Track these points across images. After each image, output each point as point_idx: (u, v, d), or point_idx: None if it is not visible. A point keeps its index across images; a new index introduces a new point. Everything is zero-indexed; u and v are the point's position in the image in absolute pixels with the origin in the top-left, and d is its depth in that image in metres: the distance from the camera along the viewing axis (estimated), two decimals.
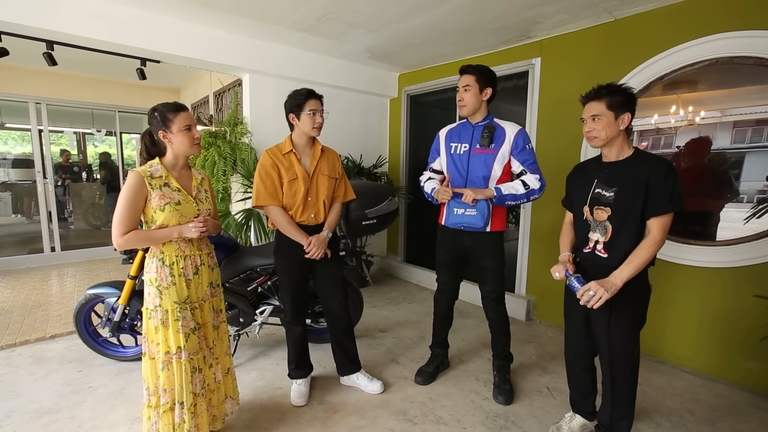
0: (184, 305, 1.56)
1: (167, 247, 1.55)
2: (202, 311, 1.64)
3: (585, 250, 1.66)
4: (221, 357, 1.76)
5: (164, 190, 1.51)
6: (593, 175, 1.64)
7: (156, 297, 1.52)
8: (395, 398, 2.17)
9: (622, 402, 1.63)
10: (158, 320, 1.52)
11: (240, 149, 3.35)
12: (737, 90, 2.32)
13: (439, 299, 2.30)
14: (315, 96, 1.98)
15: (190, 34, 2.97)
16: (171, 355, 1.53)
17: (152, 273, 1.54)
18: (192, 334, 1.57)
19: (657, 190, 1.45)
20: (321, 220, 2.05)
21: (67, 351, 2.68)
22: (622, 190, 1.53)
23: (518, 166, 2.00)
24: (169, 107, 1.52)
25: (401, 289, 4.14)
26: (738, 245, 2.27)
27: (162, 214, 1.50)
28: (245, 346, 2.75)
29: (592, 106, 1.56)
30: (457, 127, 2.16)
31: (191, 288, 1.59)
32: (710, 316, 2.41)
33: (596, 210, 1.60)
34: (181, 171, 1.61)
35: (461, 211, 2.01)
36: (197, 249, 1.63)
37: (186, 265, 1.57)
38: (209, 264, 1.69)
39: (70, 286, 4.01)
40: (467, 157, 2.06)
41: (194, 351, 1.58)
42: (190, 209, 1.56)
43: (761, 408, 2.12)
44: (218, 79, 3.71)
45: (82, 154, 5.85)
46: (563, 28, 2.87)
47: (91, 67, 4.64)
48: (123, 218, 1.45)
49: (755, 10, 2.14)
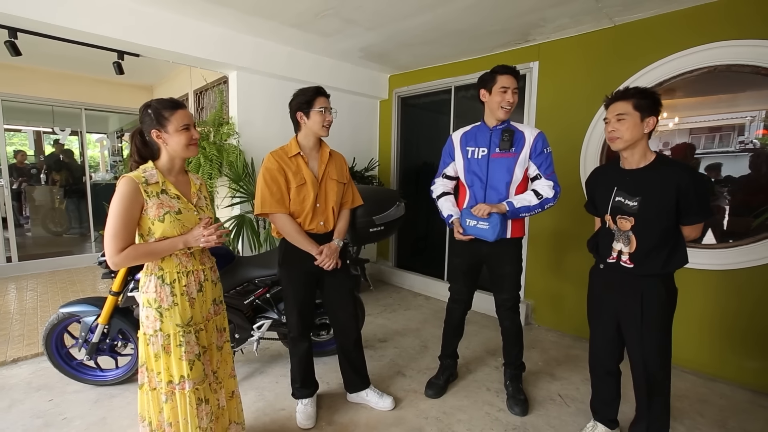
0: (188, 328, 1.38)
1: (167, 262, 1.36)
2: (207, 332, 1.47)
3: (609, 261, 1.62)
4: (225, 380, 1.58)
5: (162, 198, 1.34)
6: (613, 182, 1.60)
7: (156, 320, 1.34)
8: (408, 414, 2.06)
9: (660, 412, 1.59)
10: (159, 346, 1.35)
11: (227, 151, 3.14)
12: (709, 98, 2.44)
13: (452, 309, 2.22)
14: (324, 93, 1.86)
15: (175, 26, 2.74)
16: (174, 385, 1.36)
17: (150, 293, 1.35)
18: (197, 361, 1.40)
19: (688, 201, 1.43)
20: (330, 228, 1.92)
21: (34, 377, 2.38)
22: (647, 199, 1.49)
23: (534, 169, 1.96)
24: (164, 104, 1.35)
25: (395, 295, 4.04)
26: (736, 248, 2.33)
27: (161, 225, 1.32)
28: (239, 363, 2.55)
29: (617, 105, 1.52)
30: (473, 131, 2.07)
31: (195, 308, 1.41)
32: (709, 317, 2.47)
33: (619, 219, 1.57)
34: (178, 176, 1.44)
35: (473, 223, 1.94)
36: (200, 263, 1.45)
37: (189, 282, 1.40)
38: (212, 279, 1.52)
39: (32, 301, 3.62)
40: (486, 162, 1.98)
41: (199, 380, 1.40)
42: (192, 218, 1.39)
43: (764, 407, 2.18)
44: (201, 75, 3.47)
45: (41, 155, 5.36)
46: (563, 32, 2.88)
47: (54, 60, 4.25)
48: (118, 231, 1.27)
49: (753, 19, 2.20)
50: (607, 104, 1.57)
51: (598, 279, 1.72)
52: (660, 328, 1.54)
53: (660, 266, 1.49)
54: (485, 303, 3.25)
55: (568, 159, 2.93)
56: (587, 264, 2.92)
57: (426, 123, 4.22)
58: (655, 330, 1.53)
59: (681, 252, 1.51)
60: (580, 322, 2.93)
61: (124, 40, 2.58)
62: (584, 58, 2.87)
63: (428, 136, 4.19)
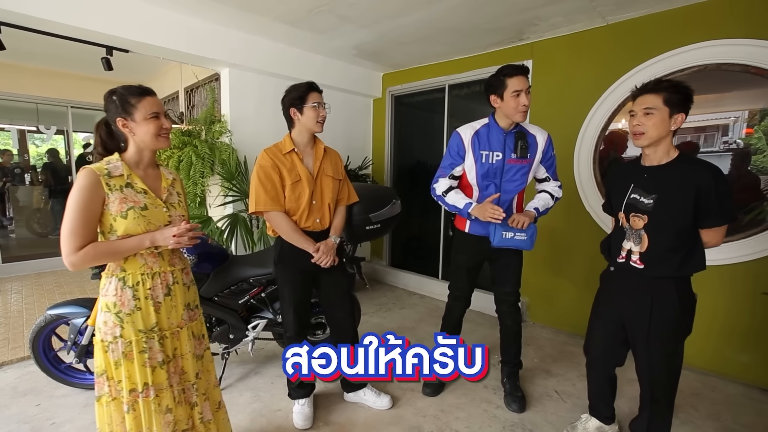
0: (151, 333, 1.26)
1: (130, 263, 1.24)
2: (179, 340, 1.35)
3: (619, 260, 1.56)
4: (210, 391, 1.47)
5: (126, 192, 1.22)
6: (630, 178, 1.53)
7: (115, 326, 1.22)
8: (406, 413, 2.05)
9: (660, 419, 1.58)
10: (119, 354, 1.23)
11: (219, 149, 3.09)
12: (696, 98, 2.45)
13: (452, 307, 2.20)
14: (317, 89, 1.83)
15: (166, 21, 2.69)
16: (137, 393, 1.25)
17: (110, 297, 1.23)
18: (159, 368, 1.28)
19: (709, 202, 1.35)
20: (326, 225, 1.90)
21: (20, 381, 2.31)
22: (663, 197, 1.41)
23: (543, 172, 2.00)
24: (131, 90, 1.25)
25: (389, 294, 4.02)
26: (728, 243, 2.36)
27: (124, 221, 1.20)
28: (233, 364, 2.51)
29: (646, 98, 1.40)
30: (483, 131, 1.92)
31: (162, 313, 1.29)
32: (702, 312, 2.49)
33: (632, 217, 1.50)
34: (147, 169, 1.32)
35: (510, 234, 1.87)
36: (168, 264, 1.32)
37: (155, 285, 1.28)
38: (184, 282, 1.38)
39: (17, 304, 3.52)
40: (501, 167, 1.90)
41: (160, 388, 1.29)
42: (160, 215, 1.28)
43: (756, 399, 2.22)
44: (192, 72, 3.41)
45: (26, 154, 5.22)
46: (556, 31, 2.90)
47: (38, 57, 4.14)
48: (76, 228, 1.15)
49: (743, 18, 2.24)
50: (634, 96, 1.45)
51: (607, 282, 1.66)
52: (671, 335, 1.47)
53: (674, 268, 1.42)
54: (481, 301, 3.25)
55: (561, 157, 2.91)
56: (581, 261, 2.96)
57: (420, 121, 4.22)
58: (664, 336, 1.47)
59: (698, 256, 1.44)
60: (575, 318, 2.96)
61: (113, 35, 2.52)
62: (577, 57, 2.89)
63: (422, 135, 4.18)
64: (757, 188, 2.29)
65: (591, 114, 2.82)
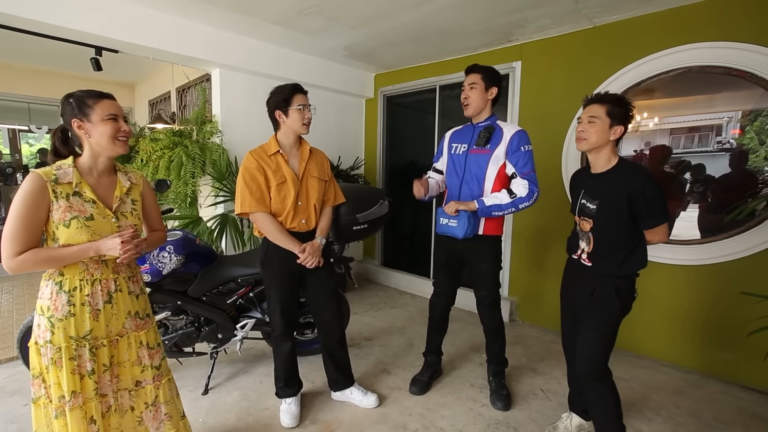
0: (82, 341, 1.22)
1: (69, 268, 1.21)
2: (116, 348, 1.30)
3: (573, 256, 1.72)
4: (174, 401, 1.45)
5: (72, 201, 1.18)
6: (582, 184, 1.68)
7: (46, 331, 1.19)
8: (392, 411, 2.07)
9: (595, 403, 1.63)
10: (48, 359, 1.20)
11: (210, 150, 3.10)
12: (687, 99, 2.51)
13: (434, 303, 2.24)
14: (301, 90, 1.84)
15: (157, 22, 2.69)
16: (65, 401, 1.22)
17: (45, 300, 1.21)
18: (88, 378, 1.25)
19: (639, 207, 1.47)
20: (312, 226, 1.91)
21: (8, 381, 2.31)
22: (603, 203, 1.54)
23: (510, 168, 1.96)
24: (89, 93, 1.23)
25: (381, 294, 4.04)
26: (710, 243, 2.40)
27: (66, 230, 1.17)
28: (222, 363, 2.52)
29: (592, 108, 1.55)
30: (462, 128, 2.15)
31: (100, 320, 1.25)
32: (685, 311, 2.54)
33: (581, 220, 1.64)
34: (102, 177, 1.28)
35: (446, 221, 2.01)
36: (112, 271, 1.28)
37: (93, 292, 1.23)
38: (130, 290, 1.34)
39: (7, 304, 3.51)
40: (464, 158, 2.03)
41: (88, 398, 1.25)
42: (107, 226, 1.24)
43: (735, 396, 2.25)
44: (183, 73, 3.41)
45: (17, 153, 5.21)
46: (544, 32, 2.93)
47: (29, 56, 4.13)
48: (16, 233, 1.12)
49: (728, 22, 2.27)
50: (585, 104, 1.60)
51: (566, 273, 1.80)
52: (598, 326, 1.57)
53: (615, 267, 1.54)
54: (470, 300, 3.26)
55: (549, 158, 2.98)
56: None
57: (411, 122, 4.24)
58: (593, 326, 1.58)
59: (639, 255, 1.54)
60: None
61: (102, 35, 2.52)
62: (565, 59, 2.91)
63: (414, 135, 4.20)
64: (753, 187, 2.30)
65: (578, 115, 2.84)
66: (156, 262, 2.00)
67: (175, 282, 2.13)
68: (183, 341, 2.23)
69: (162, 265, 2.01)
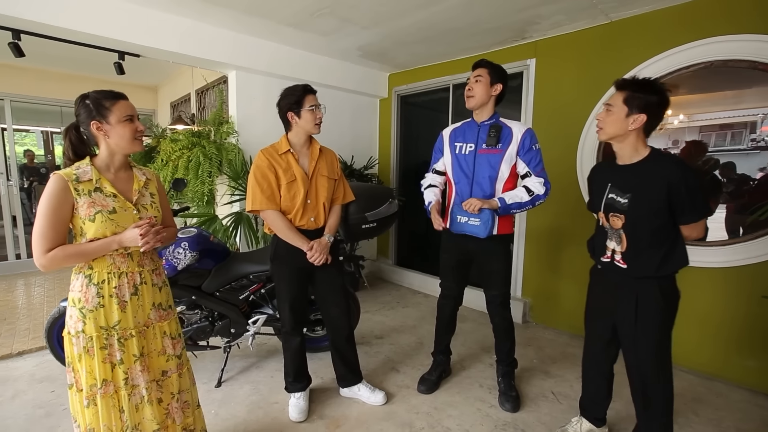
0: (111, 331, 1.29)
1: (98, 262, 1.28)
2: (145, 339, 1.37)
3: (603, 259, 1.59)
4: (191, 389, 1.50)
5: (95, 196, 1.25)
6: (607, 178, 1.55)
7: (78, 321, 1.27)
8: (399, 409, 2.08)
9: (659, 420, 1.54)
10: (81, 348, 1.27)
11: (226, 150, 3.18)
12: (714, 95, 2.39)
13: (442, 305, 2.23)
14: (312, 91, 1.88)
15: (174, 26, 2.79)
16: (96, 388, 1.28)
17: (76, 292, 1.28)
18: (117, 367, 1.31)
19: (681, 199, 1.35)
20: (321, 224, 1.94)
21: (38, 369, 2.45)
22: (636, 196, 1.42)
23: (523, 167, 1.95)
24: (105, 94, 1.28)
25: (394, 293, 4.05)
26: (734, 245, 2.30)
27: (92, 225, 1.24)
28: (236, 357, 2.59)
29: (613, 95, 1.44)
30: (462, 127, 2.09)
31: (127, 311, 1.31)
32: (709, 315, 2.44)
33: (611, 217, 1.52)
34: (119, 173, 1.35)
35: (464, 219, 1.95)
36: (137, 265, 1.35)
37: (121, 284, 1.30)
38: (154, 282, 1.40)
39: (39, 297, 3.71)
40: (473, 158, 1.99)
41: (118, 386, 1.32)
42: (129, 218, 1.30)
43: (761, 406, 2.15)
44: (202, 75, 3.52)
45: (50, 154, 5.49)
46: (559, 29, 2.87)
47: (60, 62, 4.35)
48: (45, 232, 1.20)
49: (750, 14, 2.17)
50: None
51: (596, 278, 1.67)
52: (656, 334, 1.46)
53: (654, 268, 1.42)
54: (482, 300, 3.24)
55: (565, 157, 2.92)
56: (584, 262, 2.90)
57: (425, 121, 4.23)
58: (650, 335, 1.46)
59: (679, 253, 1.43)
60: (577, 320, 2.91)
61: (124, 40, 2.63)
62: (580, 56, 2.85)
63: (427, 134, 4.18)
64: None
65: (594, 113, 2.78)
66: (171, 258, 2.08)
67: (190, 277, 2.20)
68: (197, 335, 2.31)
69: (177, 260, 2.09)
